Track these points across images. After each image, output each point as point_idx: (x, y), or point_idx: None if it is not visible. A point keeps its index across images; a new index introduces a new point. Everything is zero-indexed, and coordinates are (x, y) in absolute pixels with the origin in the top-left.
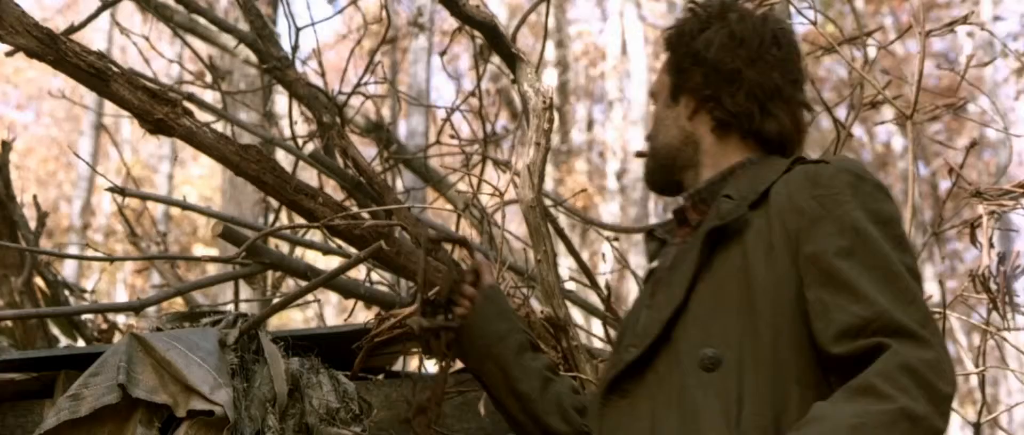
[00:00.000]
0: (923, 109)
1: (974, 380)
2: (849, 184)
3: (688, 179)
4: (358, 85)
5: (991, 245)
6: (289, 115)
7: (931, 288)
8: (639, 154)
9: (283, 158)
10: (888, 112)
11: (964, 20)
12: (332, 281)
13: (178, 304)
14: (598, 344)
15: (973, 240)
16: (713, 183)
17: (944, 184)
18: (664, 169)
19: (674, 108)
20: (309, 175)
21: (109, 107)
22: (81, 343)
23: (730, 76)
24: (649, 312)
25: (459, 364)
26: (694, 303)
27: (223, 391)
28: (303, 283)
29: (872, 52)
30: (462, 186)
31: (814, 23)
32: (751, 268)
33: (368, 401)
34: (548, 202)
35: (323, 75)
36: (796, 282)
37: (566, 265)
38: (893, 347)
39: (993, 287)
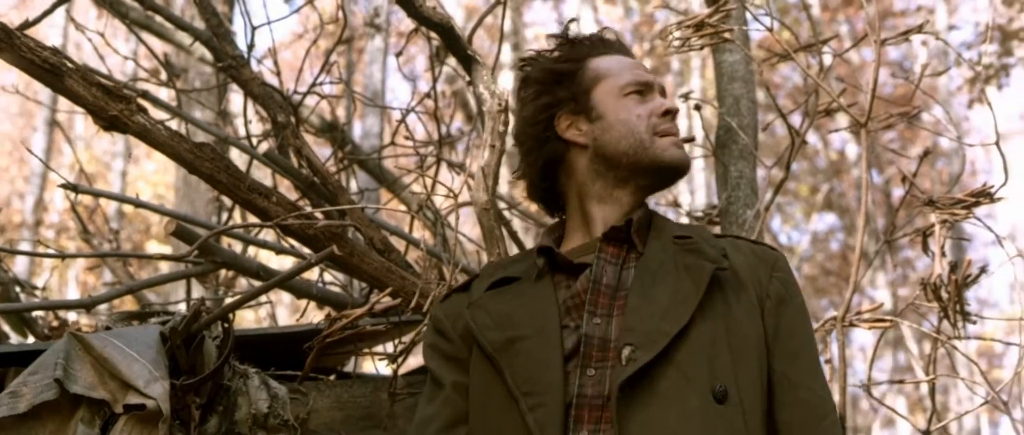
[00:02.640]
0: (877, 117)
1: (924, 388)
2: (793, 275)
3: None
4: (313, 85)
5: (943, 254)
6: (244, 114)
7: (883, 296)
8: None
9: (237, 157)
10: (843, 120)
11: (919, 29)
12: (285, 281)
13: (130, 302)
14: None
15: (925, 248)
16: (646, 213)
17: (897, 192)
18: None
19: None
20: (263, 174)
21: (63, 103)
22: (32, 340)
23: None
24: (636, 315)
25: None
26: (694, 332)
27: (158, 384)
28: (255, 282)
29: (828, 59)
30: (416, 187)
31: (770, 29)
32: (736, 318)
33: (306, 403)
34: (502, 205)
35: (278, 74)
36: (765, 347)
37: None
38: None
39: (944, 296)
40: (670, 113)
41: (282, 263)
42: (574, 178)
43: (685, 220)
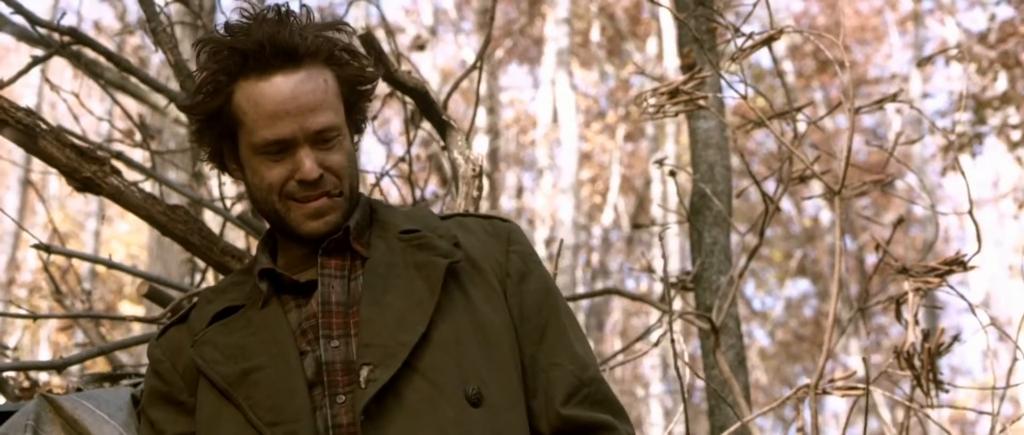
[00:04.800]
0: (851, 184)
1: None
2: (531, 245)
3: None
4: None
5: (916, 322)
6: (218, 176)
7: (855, 363)
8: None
9: (211, 219)
10: (817, 186)
11: (893, 97)
12: None
13: (102, 363)
14: None
15: (898, 316)
16: (364, 214)
17: (871, 259)
18: (347, 216)
19: (351, 139)
20: (236, 236)
21: (37, 162)
22: (2, 401)
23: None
24: (370, 329)
25: None
26: (436, 335)
27: None
28: None
29: (802, 127)
30: None
31: (744, 97)
32: (478, 309)
33: None
34: None
35: None
36: (514, 331)
37: None
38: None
39: (917, 364)
40: (305, 184)
41: None
42: None
43: (659, 286)
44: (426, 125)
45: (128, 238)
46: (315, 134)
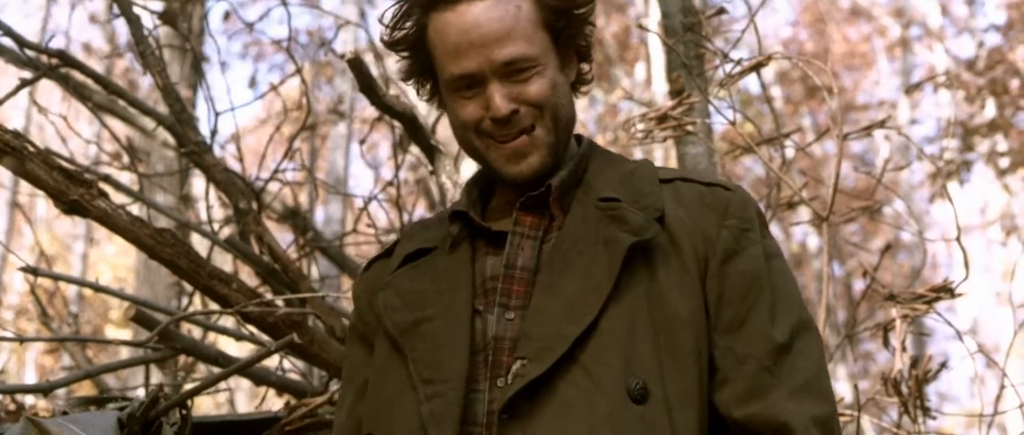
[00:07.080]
0: (839, 211)
1: None
2: (757, 218)
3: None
4: (276, 171)
5: (904, 348)
6: (206, 199)
7: (843, 389)
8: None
9: (198, 242)
10: (804, 212)
11: (881, 124)
12: (244, 368)
13: (88, 386)
14: None
15: (886, 343)
16: (573, 171)
17: (858, 285)
18: (557, 156)
19: (563, 69)
20: (224, 260)
21: (25, 185)
22: None
23: (586, 20)
24: (536, 318)
25: None
26: (605, 323)
27: None
28: (215, 368)
29: (790, 153)
30: None
31: (733, 123)
32: (664, 294)
33: None
34: None
35: (241, 160)
36: (706, 316)
37: None
38: None
39: (905, 390)
40: (497, 122)
41: (242, 350)
42: None
43: None
44: (414, 149)
45: (115, 261)
46: (503, 66)
